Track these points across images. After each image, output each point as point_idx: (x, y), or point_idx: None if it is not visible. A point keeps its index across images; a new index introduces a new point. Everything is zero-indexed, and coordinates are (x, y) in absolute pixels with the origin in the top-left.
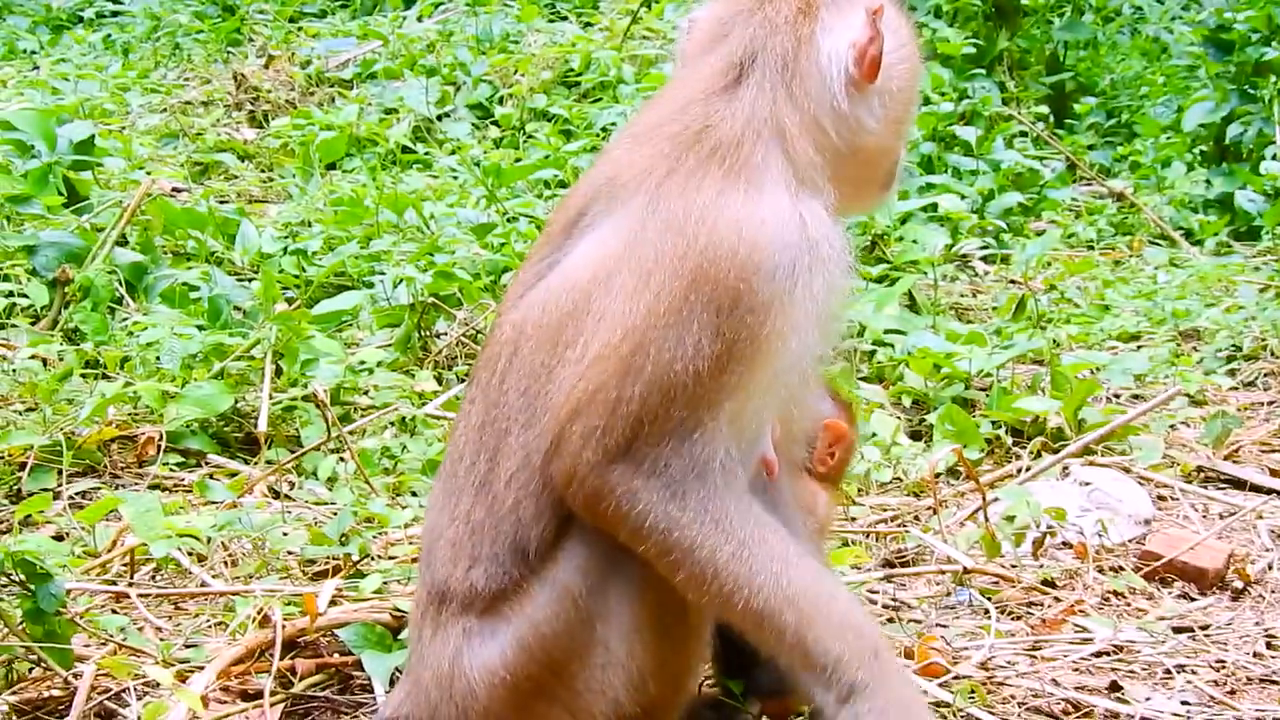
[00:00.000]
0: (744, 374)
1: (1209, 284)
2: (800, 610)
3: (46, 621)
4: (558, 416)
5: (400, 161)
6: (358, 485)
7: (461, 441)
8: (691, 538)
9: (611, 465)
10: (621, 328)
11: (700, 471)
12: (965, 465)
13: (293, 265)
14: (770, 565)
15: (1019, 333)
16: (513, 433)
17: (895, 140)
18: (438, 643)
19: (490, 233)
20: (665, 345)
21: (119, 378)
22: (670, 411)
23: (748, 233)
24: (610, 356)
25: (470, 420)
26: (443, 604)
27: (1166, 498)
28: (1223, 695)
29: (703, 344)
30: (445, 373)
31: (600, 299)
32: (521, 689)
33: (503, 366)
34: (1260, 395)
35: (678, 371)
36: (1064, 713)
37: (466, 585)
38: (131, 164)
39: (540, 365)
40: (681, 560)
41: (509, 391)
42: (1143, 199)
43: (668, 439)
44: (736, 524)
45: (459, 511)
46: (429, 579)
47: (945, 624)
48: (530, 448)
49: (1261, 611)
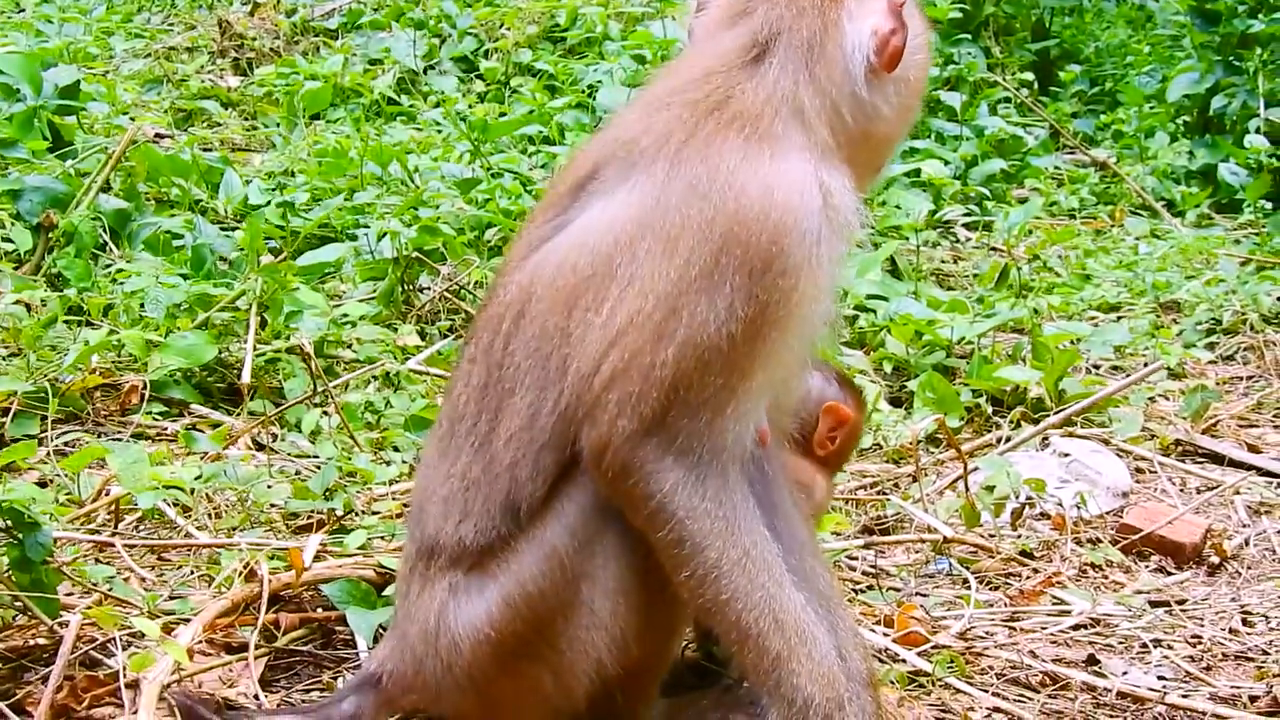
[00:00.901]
0: (777, 339)
1: (1190, 256)
2: (787, 640)
3: (33, 570)
4: (590, 385)
5: (385, 113)
6: (341, 439)
7: (461, 401)
8: (705, 531)
9: (646, 437)
10: (653, 294)
11: (722, 460)
12: (946, 434)
13: (276, 216)
14: (768, 584)
15: (1000, 301)
16: (517, 394)
17: (902, 129)
18: (424, 598)
19: (475, 188)
20: (698, 310)
21: (103, 325)
22: (705, 379)
23: (779, 195)
24: (644, 324)
25: (471, 381)
26: (431, 559)
27: (1145, 471)
28: (1199, 671)
29: (736, 307)
30: (428, 327)
31: (625, 265)
32: (506, 646)
33: (507, 328)
34: (1239, 369)
35: (710, 335)
36: (1042, 684)
37: (455, 539)
38: (115, 109)
39: (554, 328)
40: (690, 556)
41: (515, 353)
42: (1125, 169)
43: (701, 411)
44: (743, 529)
45: (455, 469)
46: (418, 535)
47: (925, 593)
48: (538, 408)
49: (1238, 587)
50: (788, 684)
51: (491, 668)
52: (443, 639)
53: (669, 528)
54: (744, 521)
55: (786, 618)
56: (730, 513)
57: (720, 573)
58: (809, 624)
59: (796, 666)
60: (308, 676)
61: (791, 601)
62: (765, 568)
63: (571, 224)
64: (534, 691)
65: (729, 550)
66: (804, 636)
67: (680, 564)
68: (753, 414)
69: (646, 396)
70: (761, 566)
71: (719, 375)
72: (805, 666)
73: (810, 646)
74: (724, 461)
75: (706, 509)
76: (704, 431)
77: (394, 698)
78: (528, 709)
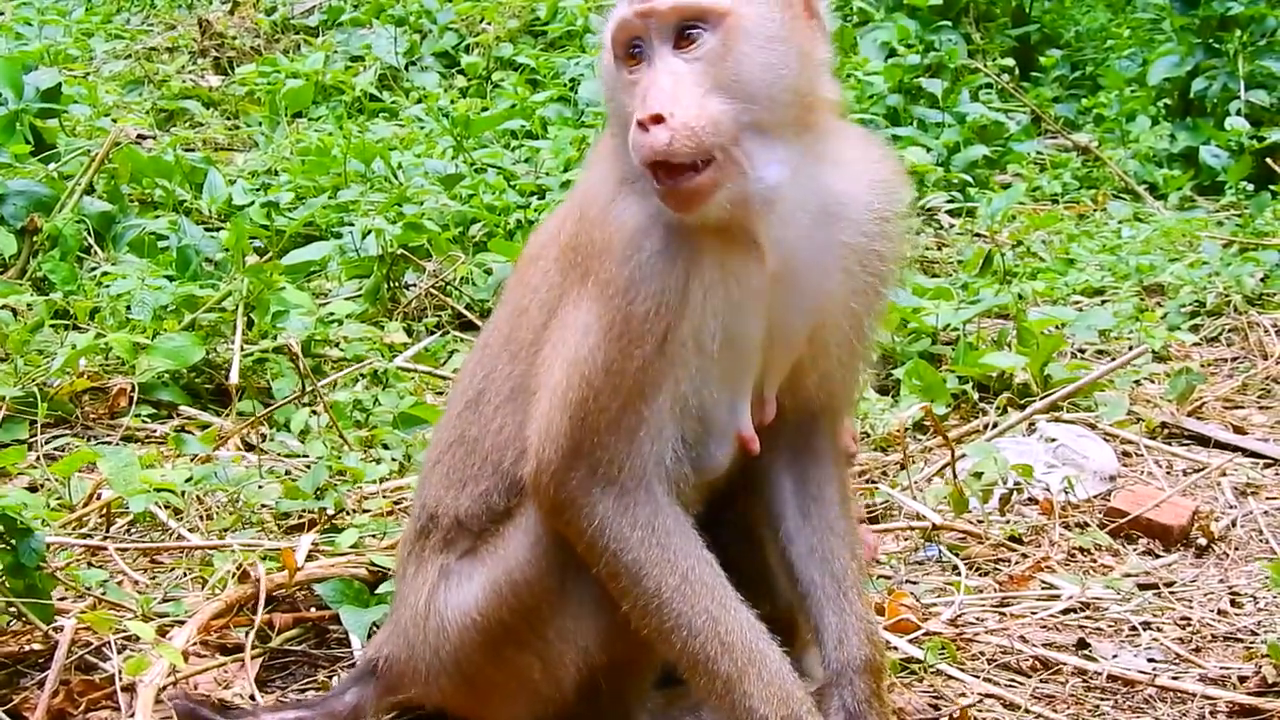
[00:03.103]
0: (651, 356)
1: (1173, 239)
2: (735, 661)
3: (27, 576)
4: (529, 415)
5: (367, 110)
6: (330, 438)
7: (466, 370)
8: (640, 561)
9: (570, 471)
10: (544, 309)
11: (648, 484)
12: (933, 421)
13: (261, 216)
14: (710, 607)
15: (985, 287)
16: (500, 363)
17: None
18: (416, 581)
19: (458, 184)
20: (569, 329)
21: (90, 329)
22: (601, 401)
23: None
24: (542, 340)
25: (476, 348)
26: (426, 538)
27: (1131, 454)
28: (1188, 652)
29: (598, 326)
30: (415, 324)
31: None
32: (493, 632)
33: (502, 297)
34: (1224, 351)
35: (585, 355)
36: (1032, 669)
37: (453, 512)
38: (97, 111)
39: (517, 305)
40: (630, 587)
41: (499, 321)
42: (1107, 153)
43: (611, 435)
44: (680, 553)
45: (454, 435)
46: (419, 509)
47: (915, 580)
48: (516, 382)
49: (1225, 569)
50: (741, 706)
51: (478, 654)
52: (431, 622)
53: (604, 560)
54: (679, 546)
55: (733, 639)
56: (664, 539)
57: (661, 601)
58: (756, 642)
59: (748, 688)
60: (303, 676)
61: (737, 622)
62: (707, 591)
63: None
64: (521, 680)
65: (667, 578)
66: (753, 656)
67: (621, 595)
68: (669, 434)
69: (559, 423)
70: (702, 590)
71: (611, 397)
72: (756, 687)
73: (760, 666)
74: (650, 486)
75: (639, 538)
76: (622, 456)
77: (393, 685)
78: (516, 698)
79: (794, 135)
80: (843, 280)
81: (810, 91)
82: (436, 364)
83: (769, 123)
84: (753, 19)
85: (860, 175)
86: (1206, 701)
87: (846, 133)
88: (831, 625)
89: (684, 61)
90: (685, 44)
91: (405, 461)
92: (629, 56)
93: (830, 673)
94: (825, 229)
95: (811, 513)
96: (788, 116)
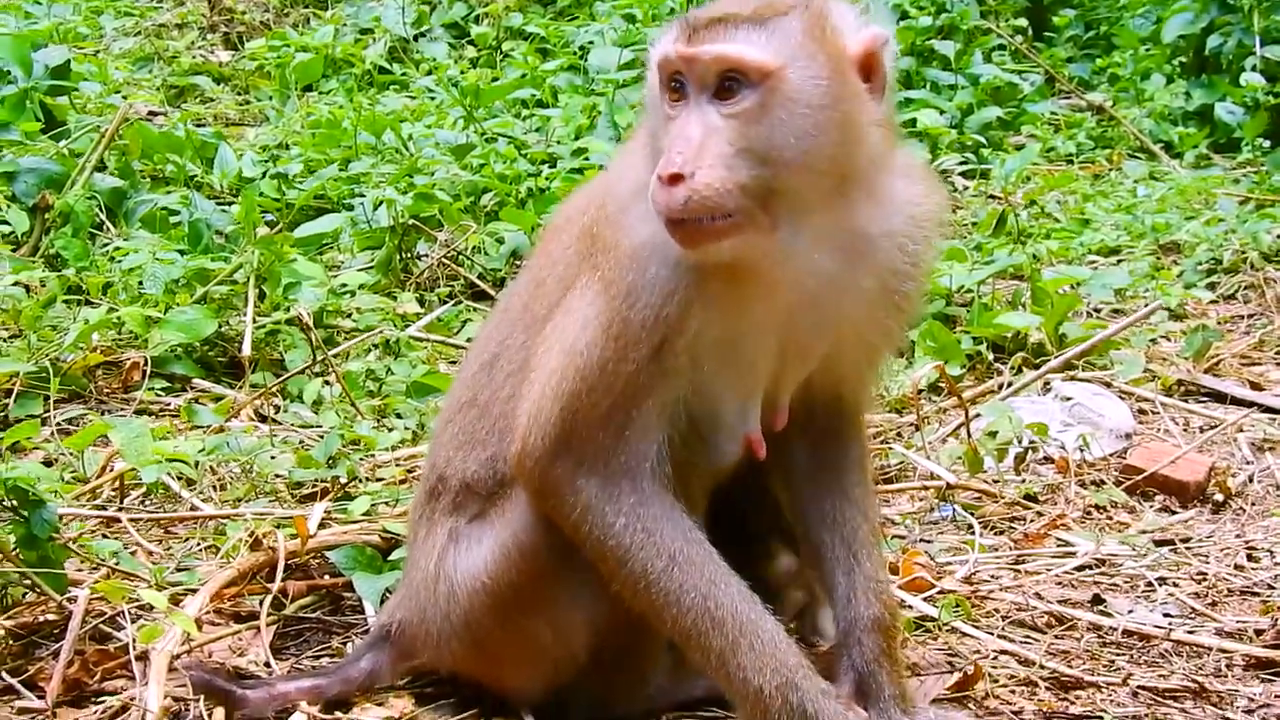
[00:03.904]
0: (646, 358)
1: (1189, 197)
2: (726, 635)
3: (40, 547)
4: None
5: (377, 83)
6: (343, 408)
7: (483, 334)
8: (625, 545)
9: (556, 458)
10: (551, 292)
11: (634, 475)
12: (948, 381)
13: (272, 189)
14: (699, 584)
15: (999, 248)
16: (515, 332)
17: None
18: (427, 544)
19: (469, 153)
20: (569, 323)
21: (102, 304)
22: (593, 398)
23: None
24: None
25: (495, 314)
26: (436, 499)
27: (1147, 412)
28: (1204, 607)
29: (599, 325)
30: (427, 294)
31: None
32: (503, 596)
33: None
34: (1240, 308)
35: (582, 349)
36: (1047, 625)
37: (461, 474)
38: (107, 88)
39: (535, 272)
40: (617, 569)
41: (519, 288)
42: (1122, 112)
43: (600, 430)
44: (666, 536)
45: (466, 397)
46: (429, 471)
47: (929, 539)
48: (527, 352)
49: (1242, 524)
50: (736, 678)
51: (488, 618)
52: (441, 586)
53: (589, 545)
54: (666, 529)
55: (723, 614)
56: (651, 524)
57: (649, 581)
58: (748, 614)
59: (741, 659)
60: (317, 643)
61: (728, 596)
62: (695, 569)
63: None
64: (532, 644)
65: (653, 560)
66: (744, 628)
67: (610, 577)
68: (657, 434)
69: (549, 411)
70: (690, 569)
71: (603, 395)
72: (749, 659)
73: (752, 637)
74: (635, 477)
75: (624, 524)
76: (608, 450)
77: (407, 650)
78: (527, 662)
79: (830, 200)
80: (864, 309)
81: (851, 159)
82: (449, 333)
83: (801, 191)
84: (798, 83)
85: (896, 214)
86: (1222, 655)
87: (892, 168)
88: (841, 586)
89: (720, 115)
90: (725, 95)
91: (418, 430)
92: (671, 90)
93: (840, 632)
94: (850, 268)
95: (826, 479)
96: (823, 186)
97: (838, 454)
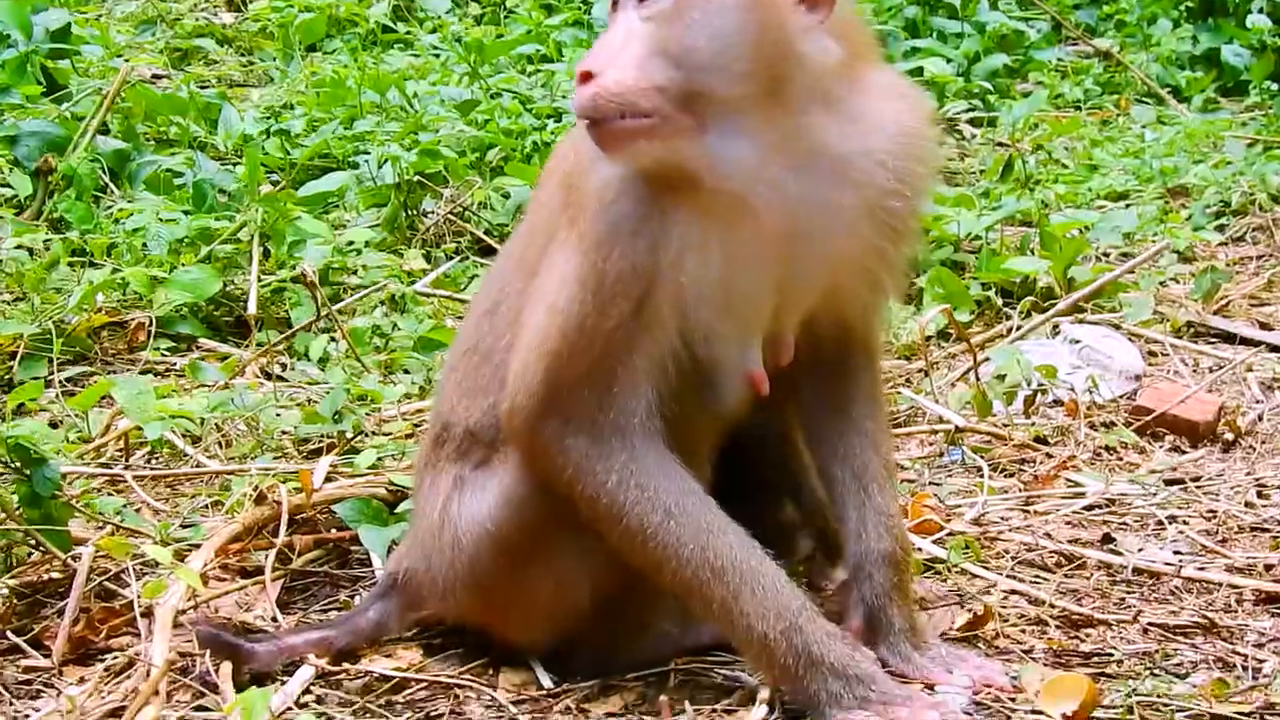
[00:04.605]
0: (629, 314)
1: (1196, 141)
2: (727, 584)
3: (43, 505)
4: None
5: (381, 41)
6: (349, 364)
7: (488, 281)
8: (619, 503)
9: (544, 417)
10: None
11: (625, 431)
12: (955, 326)
13: (275, 148)
14: (696, 535)
15: (1007, 194)
16: (516, 278)
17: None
18: (432, 491)
19: (474, 109)
20: (551, 278)
21: (106, 265)
22: (577, 356)
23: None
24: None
25: (499, 259)
26: (441, 446)
27: (1157, 353)
28: (1214, 544)
29: (578, 280)
30: (434, 250)
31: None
32: (507, 544)
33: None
34: (1249, 249)
35: (564, 306)
36: (1057, 565)
37: (464, 421)
38: (109, 51)
39: (531, 219)
40: (612, 527)
41: (519, 234)
42: (1129, 57)
43: (586, 387)
44: (661, 491)
45: (469, 345)
46: (434, 419)
47: (939, 482)
48: (523, 300)
49: (1252, 462)
50: (740, 625)
51: (492, 566)
52: (446, 533)
53: (584, 502)
54: (660, 483)
55: (722, 563)
56: (644, 479)
57: (645, 536)
58: (748, 561)
59: (744, 607)
60: (324, 596)
61: (726, 545)
62: (692, 521)
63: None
64: (536, 593)
65: (649, 515)
66: (745, 576)
67: (607, 533)
68: (645, 390)
69: (534, 369)
70: (687, 522)
71: (585, 354)
72: (751, 605)
73: (752, 584)
74: (625, 433)
75: (617, 481)
76: (594, 409)
77: (414, 600)
78: (532, 611)
79: (767, 109)
80: (856, 235)
81: (779, 65)
82: (456, 289)
83: (724, 95)
84: None
85: (875, 133)
86: (1232, 590)
87: (868, 87)
88: (852, 520)
89: (639, 18)
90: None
91: (425, 384)
92: (613, 3)
93: (851, 566)
94: (830, 189)
95: (837, 413)
96: (749, 91)
97: (848, 387)
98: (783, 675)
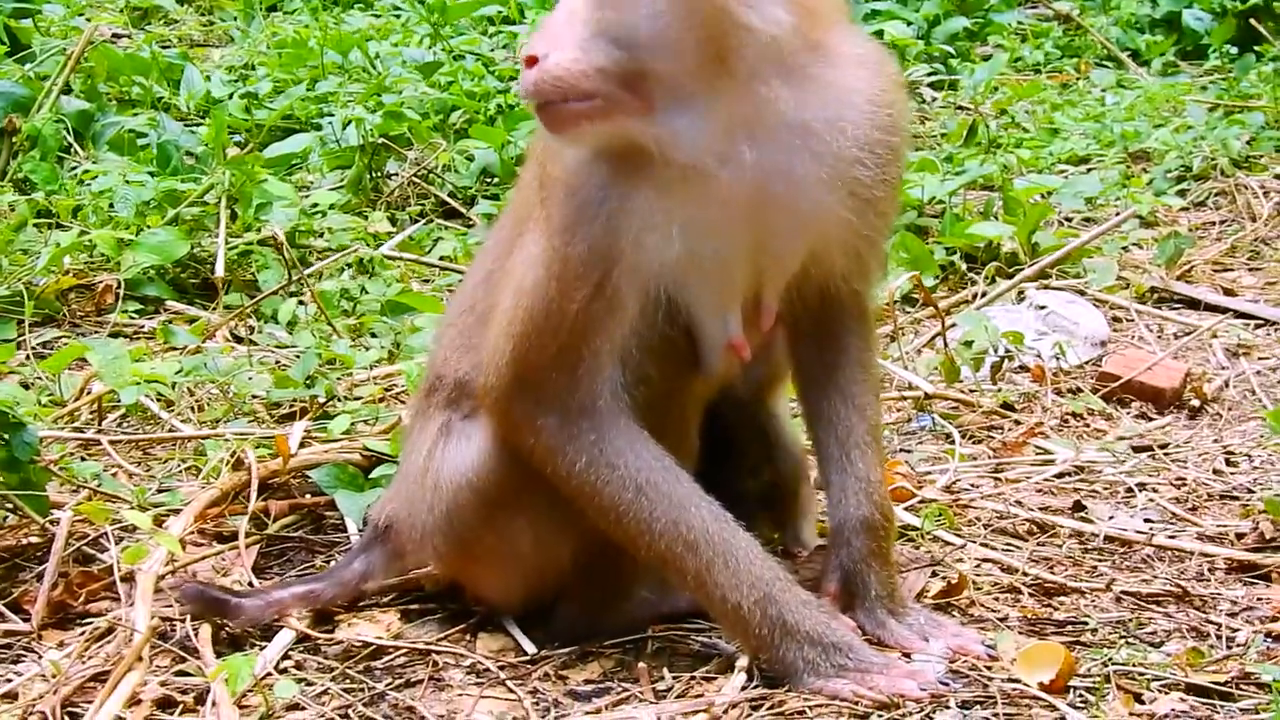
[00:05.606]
0: (592, 297)
1: (1157, 105)
2: (700, 557)
3: (21, 470)
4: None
5: (342, 1)
6: (319, 328)
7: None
8: (591, 480)
9: (514, 399)
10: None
11: (593, 411)
12: (923, 292)
13: (239, 109)
14: (669, 510)
15: (970, 158)
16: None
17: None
18: (420, 437)
19: (437, 71)
20: (519, 260)
21: (73, 227)
22: (543, 340)
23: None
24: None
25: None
26: (432, 394)
27: (1122, 319)
28: (1185, 512)
29: (543, 263)
30: (398, 213)
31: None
32: (489, 495)
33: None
34: (1211, 215)
35: (529, 289)
36: (1029, 533)
37: (456, 376)
38: (71, 10)
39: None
40: (587, 504)
41: (514, 202)
42: (1089, 20)
43: (553, 370)
44: (631, 467)
45: (466, 303)
46: (429, 371)
47: (909, 449)
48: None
49: (1219, 429)
50: (715, 596)
51: (471, 515)
52: (428, 479)
53: (558, 480)
54: (630, 460)
55: (695, 536)
56: (614, 457)
57: (619, 513)
58: (720, 534)
59: (718, 578)
60: (300, 561)
61: (698, 518)
62: (663, 495)
63: None
64: (514, 549)
65: (620, 492)
66: (717, 548)
67: (582, 510)
68: (612, 371)
69: (504, 350)
70: (658, 496)
71: (551, 337)
72: (724, 577)
73: (725, 555)
74: (594, 413)
75: (588, 460)
76: (563, 389)
77: (399, 549)
78: (509, 567)
79: (716, 83)
80: (824, 204)
81: (723, 40)
82: (421, 252)
83: (669, 73)
84: None
85: (841, 103)
86: (1204, 559)
87: (830, 52)
88: (834, 485)
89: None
90: None
91: (394, 349)
92: None
93: (831, 531)
94: (789, 157)
95: (825, 377)
96: (694, 67)
97: (836, 354)
98: (759, 645)
